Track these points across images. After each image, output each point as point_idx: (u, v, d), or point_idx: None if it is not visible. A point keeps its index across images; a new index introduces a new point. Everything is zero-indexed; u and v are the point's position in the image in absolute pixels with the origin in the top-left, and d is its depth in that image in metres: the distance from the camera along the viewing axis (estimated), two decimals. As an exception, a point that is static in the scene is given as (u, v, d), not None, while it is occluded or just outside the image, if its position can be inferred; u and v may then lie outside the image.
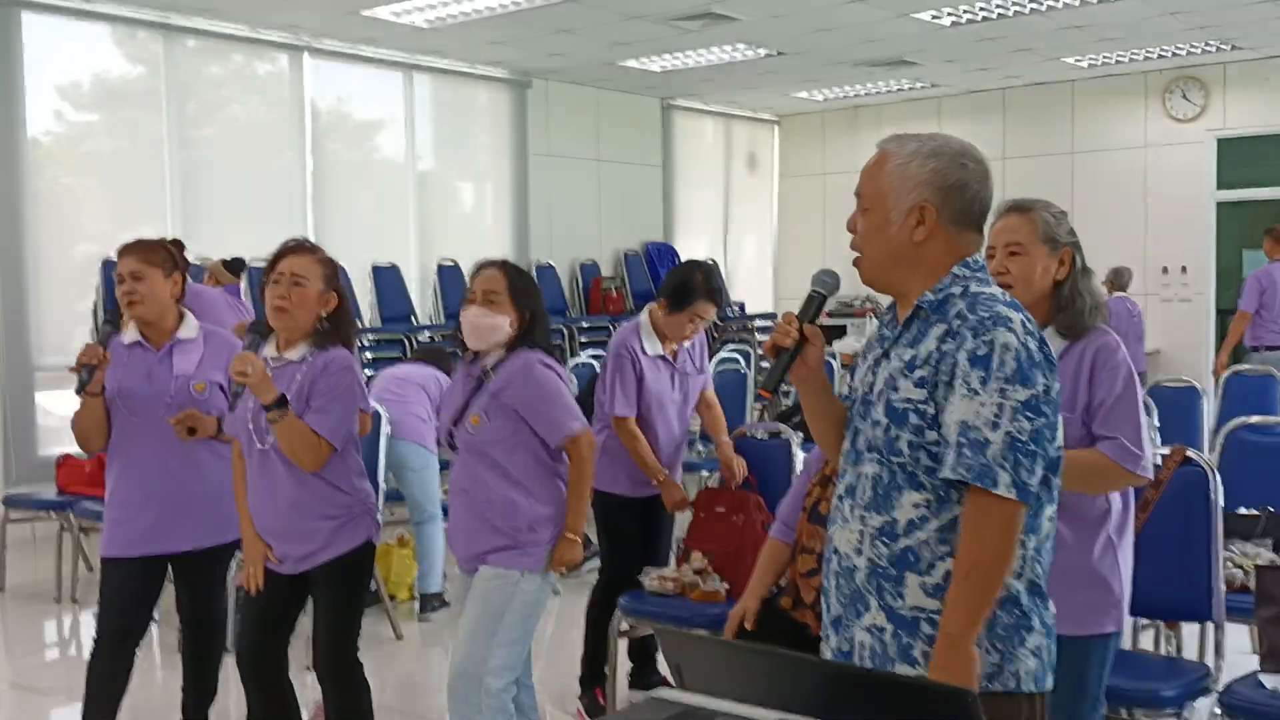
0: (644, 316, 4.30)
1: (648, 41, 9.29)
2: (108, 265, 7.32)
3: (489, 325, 3.31)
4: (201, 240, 7.72)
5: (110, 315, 3.67)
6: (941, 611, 1.97)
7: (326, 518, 3.34)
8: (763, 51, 9.76)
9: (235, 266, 6.37)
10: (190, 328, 3.70)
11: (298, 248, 3.36)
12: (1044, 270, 2.73)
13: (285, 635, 3.57)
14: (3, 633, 5.64)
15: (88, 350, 3.50)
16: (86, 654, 5.50)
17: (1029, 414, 1.94)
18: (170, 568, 3.73)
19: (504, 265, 3.42)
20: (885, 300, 2.23)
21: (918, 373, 2.02)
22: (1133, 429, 2.65)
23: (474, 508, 3.32)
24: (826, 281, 2.25)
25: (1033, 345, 1.98)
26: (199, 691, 3.92)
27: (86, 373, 3.49)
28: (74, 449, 5.77)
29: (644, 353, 4.22)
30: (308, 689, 4.17)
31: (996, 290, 2.07)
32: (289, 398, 3.21)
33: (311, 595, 3.46)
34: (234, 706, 4.27)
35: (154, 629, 4.52)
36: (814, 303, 2.22)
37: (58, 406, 7.29)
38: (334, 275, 3.39)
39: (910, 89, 11.75)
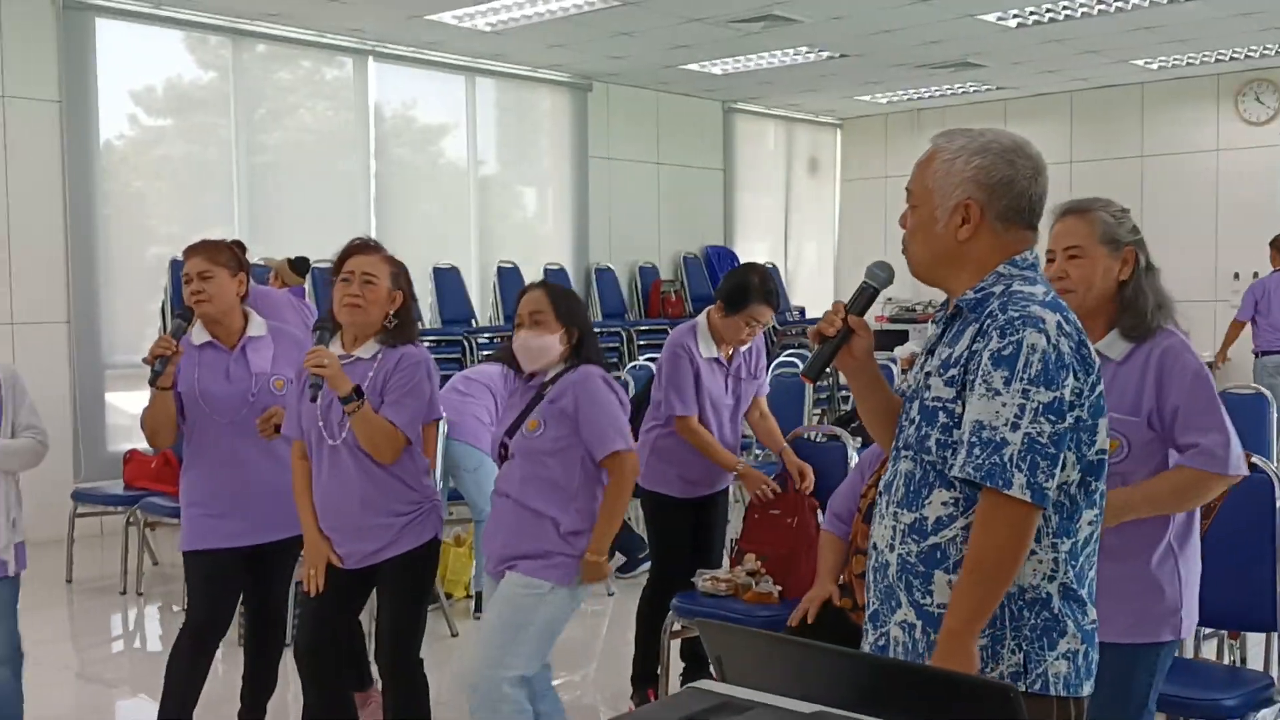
0: (701, 319, 4.30)
1: (708, 44, 9.28)
2: (176, 266, 7.47)
3: (539, 346, 3.33)
4: (268, 243, 7.85)
5: (183, 309, 3.73)
6: (947, 605, 1.96)
7: (396, 514, 3.38)
8: (824, 54, 9.71)
9: (300, 266, 6.45)
10: (258, 326, 3.78)
11: (364, 246, 3.43)
12: (1105, 272, 2.66)
13: (344, 631, 3.62)
14: (70, 624, 5.76)
15: (161, 342, 3.56)
16: (151, 646, 5.68)
17: (1052, 417, 1.91)
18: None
19: (545, 286, 3.46)
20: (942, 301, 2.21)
21: (949, 372, 2.01)
22: (1214, 429, 2.57)
23: (515, 511, 3.31)
24: (878, 274, 2.23)
25: (1065, 346, 1.94)
26: (258, 684, 3.98)
27: (160, 364, 3.55)
28: (141, 445, 5.92)
29: (700, 354, 4.21)
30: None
31: (1037, 289, 2.02)
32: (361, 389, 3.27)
33: (377, 591, 3.50)
34: (291, 700, 4.33)
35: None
36: (864, 294, 2.20)
37: (126, 404, 7.46)
38: (400, 274, 3.45)
39: (975, 91, 11.62)
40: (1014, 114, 11.87)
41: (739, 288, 4.17)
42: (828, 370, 2.20)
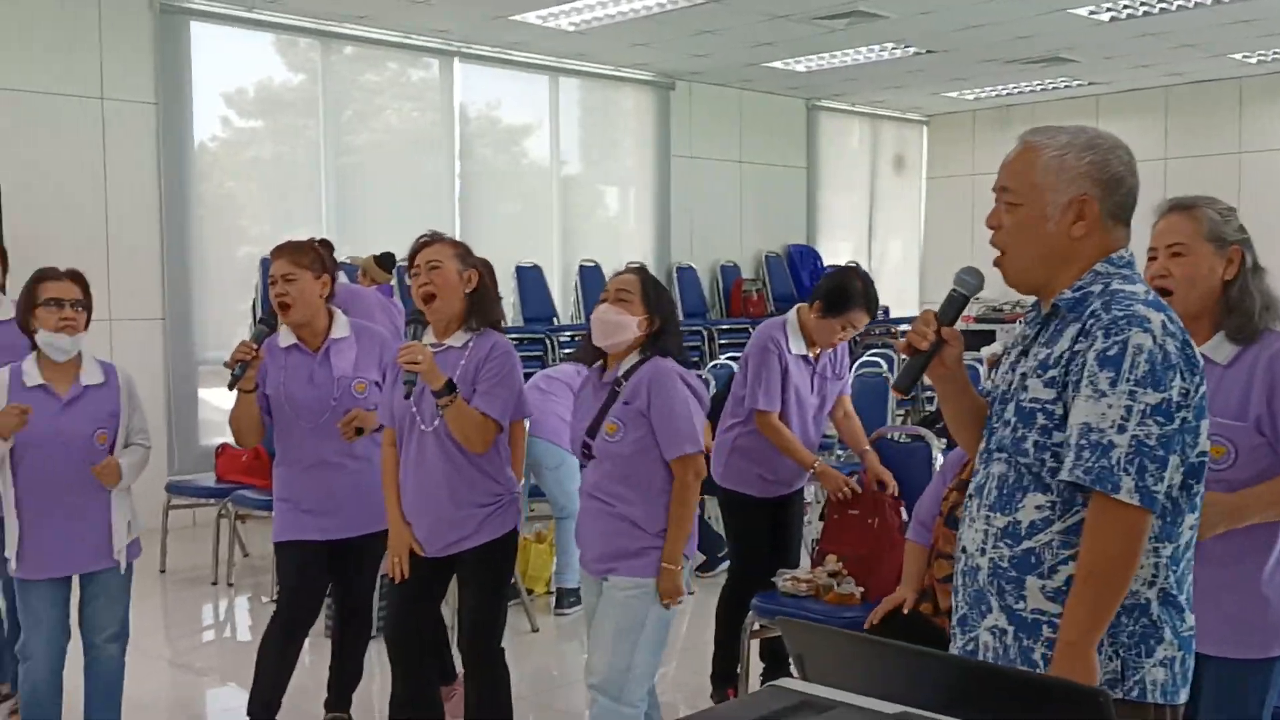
0: (792, 315, 4.25)
1: (792, 42, 9.22)
2: (266, 265, 7.63)
3: (616, 323, 3.27)
4: (354, 243, 7.99)
5: (265, 316, 3.82)
6: (1063, 616, 1.91)
7: (480, 505, 3.43)
8: (911, 50, 9.58)
9: (386, 261, 6.55)
10: (342, 326, 3.84)
11: (427, 241, 3.48)
12: (1209, 270, 2.56)
13: (428, 620, 3.67)
14: (163, 614, 5.90)
15: (241, 348, 3.64)
16: (240, 636, 5.80)
17: (1159, 418, 1.86)
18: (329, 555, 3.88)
19: (640, 270, 3.41)
20: (1032, 301, 2.16)
21: (1049, 373, 1.96)
22: None
23: (604, 513, 3.30)
24: (969, 281, 2.18)
25: (1171, 347, 1.89)
26: (345, 675, 4.06)
27: (240, 369, 3.63)
28: (232, 439, 6.05)
29: (789, 350, 4.18)
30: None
31: (1138, 288, 1.98)
32: (455, 383, 3.31)
33: (458, 581, 3.54)
34: (376, 692, 4.39)
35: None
36: (955, 303, 2.15)
37: (217, 399, 7.64)
38: (466, 254, 3.48)
39: (1066, 87, 11.38)
40: (1106, 110, 11.60)
41: (841, 291, 4.11)
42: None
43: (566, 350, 8.80)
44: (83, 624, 3.69)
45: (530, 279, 9.60)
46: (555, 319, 9.69)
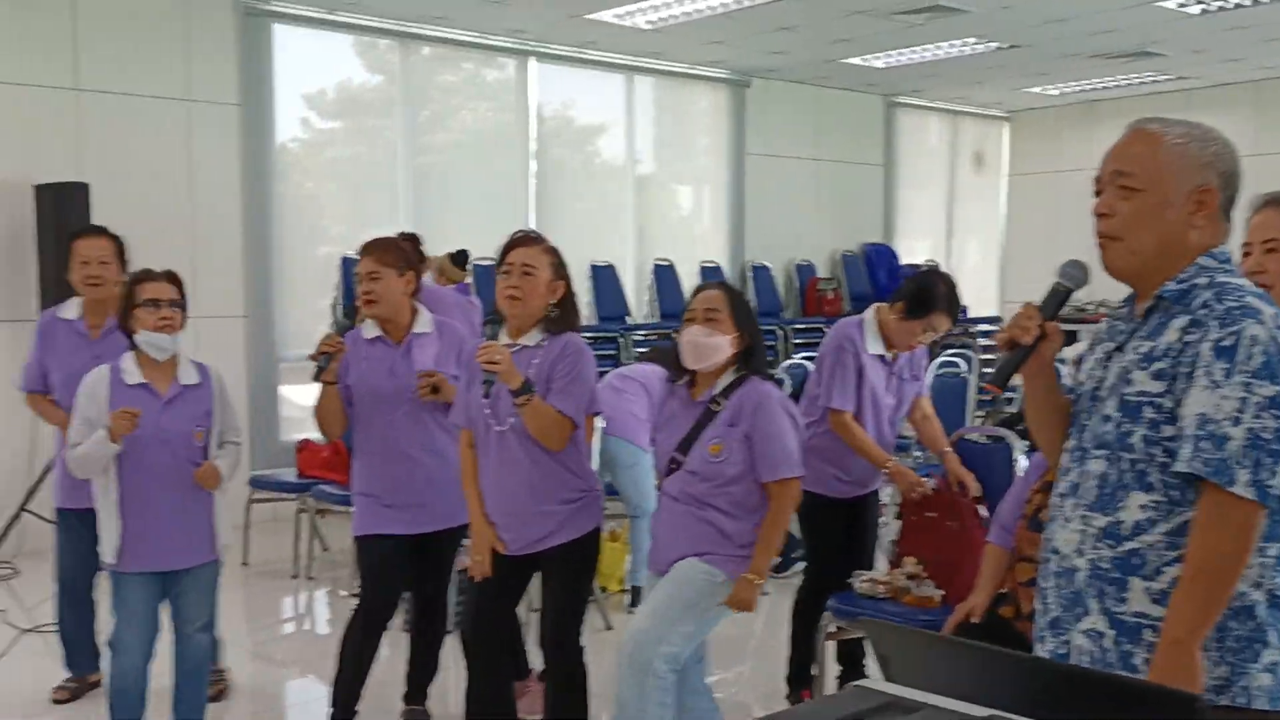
0: (869, 314, 4.19)
1: (870, 37, 9.12)
2: (347, 264, 7.73)
3: (710, 345, 3.26)
4: (431, 242, 8.03)
5: (347, 311, 3.89)
6: (1168, 614, 1.85)
7: (563, 501, 3.43)
8: (993, 45, 9.42)
9: (460, 259, 6.59)
10: (425, 322, 3.89)
11: (525, 239, 3.47)
12: None
13: (508, 617, 3.69)
14: (245, 606, 6.00)
15: (325, 341, 3.71)
16: (319, 630, 5.88)
17: (1275, 412, 1.80)
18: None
19: (724, 286, 3.40)
20: (1117, 302, 2.10)
21: (1156, 365, 1.91)
22: None
23: (692, 517, 3.28)
24: (1074, 274, 2.12)
25: None
26: (421, 670, 4.10)
27: (324, 360, 3.71)
28: (313, 435, 6.14)
29: (865, 350, 4.12)
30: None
31: (1244, 280, 1.94)
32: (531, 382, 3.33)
33: (541, 578, 3.55)
34: (451, 686, 4.42)
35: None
36: (1058, 296, 2.10)
37: (297, 396, 7.76)
38: (561, 265, 3.49)
39: (1153, 81, 11.10)
40: (1196, 104, 11.30)
41: (925, 293, 4.04)
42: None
43: (640, 349, 8.80)
44: (175, 614, 3.77)
45: (604, 278, 9.61)
46: (629, 318, 9.70)
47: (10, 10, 6.82)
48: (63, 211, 6.67)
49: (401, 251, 3.86)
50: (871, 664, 4.38)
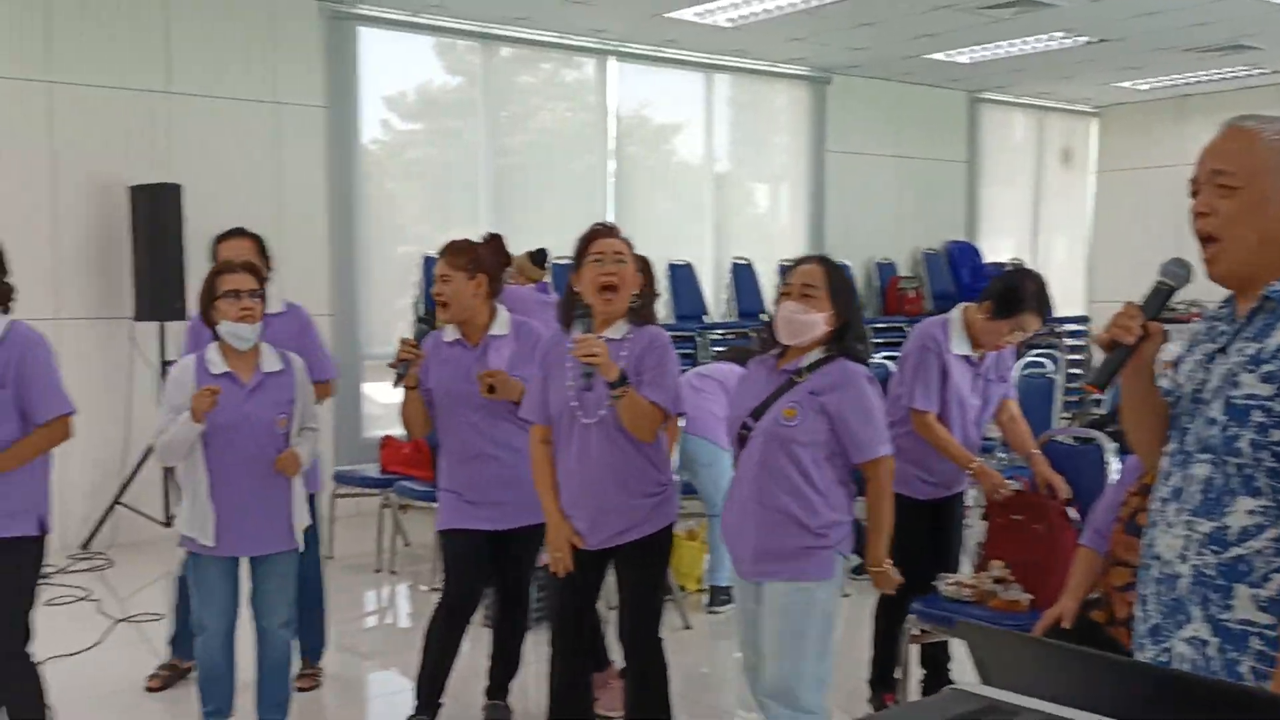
0: (956, 314, 4.12)
1: (955, 32, 8.98)
2: (428, 263, 7.82)
3: (804, 321, 3.18)
4: (511, 243, 8.09)
5: (424, 314, 3.94)
6: (1276, 627, 1.78)
7: (645, 495, 3.44)
8: (1082, 39, 9.22)
9: (539, 258, 6.62)
10: (502, 323, 3.91)
11: (607, 229, 3.48)
12: None
13: (588, 611, 3.70)
14: (329, 598, 6.08)
15: (404, 348, 3.78)
16: (401, 623, 5.95)
17: None
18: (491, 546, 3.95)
19: (824, 260, 3.30)
20: (1210, 303, 2.04)
21: (1265, 368, 1.85)
22: None
23: (760, 512, 3.20)
24: (1178, 272, 2.06)
25: None
26: (505, 664, 4.14)
27: (403, 367, 3.78)
28: (395, 431, 6.22)
29: (950, 350, 4.05)
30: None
31: None
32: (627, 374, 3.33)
33: (618, 573, 3.55)
34: (532, 681, 4.44)
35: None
36: (1160, 295, 2.04)
37: (381, 393, 7.87)
38: (639, 257, 3.51)
39: (1248, 75, 10.78)
40: (1293, 98, 10.97)
41: (1013, 293, 3.96)
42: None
43: (717, 348, 8.77)
44: (256, 608, 3.85)
45: (682, 277, 9.60)
46: (706, 316, 9.67)
47: (105, 18, 7.01)
48: (155, 212, 6.84)
49: (473, 255, 3.89)
50: (956, 668, 4.32)
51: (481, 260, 3.89)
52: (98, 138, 7.01)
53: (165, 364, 6.80)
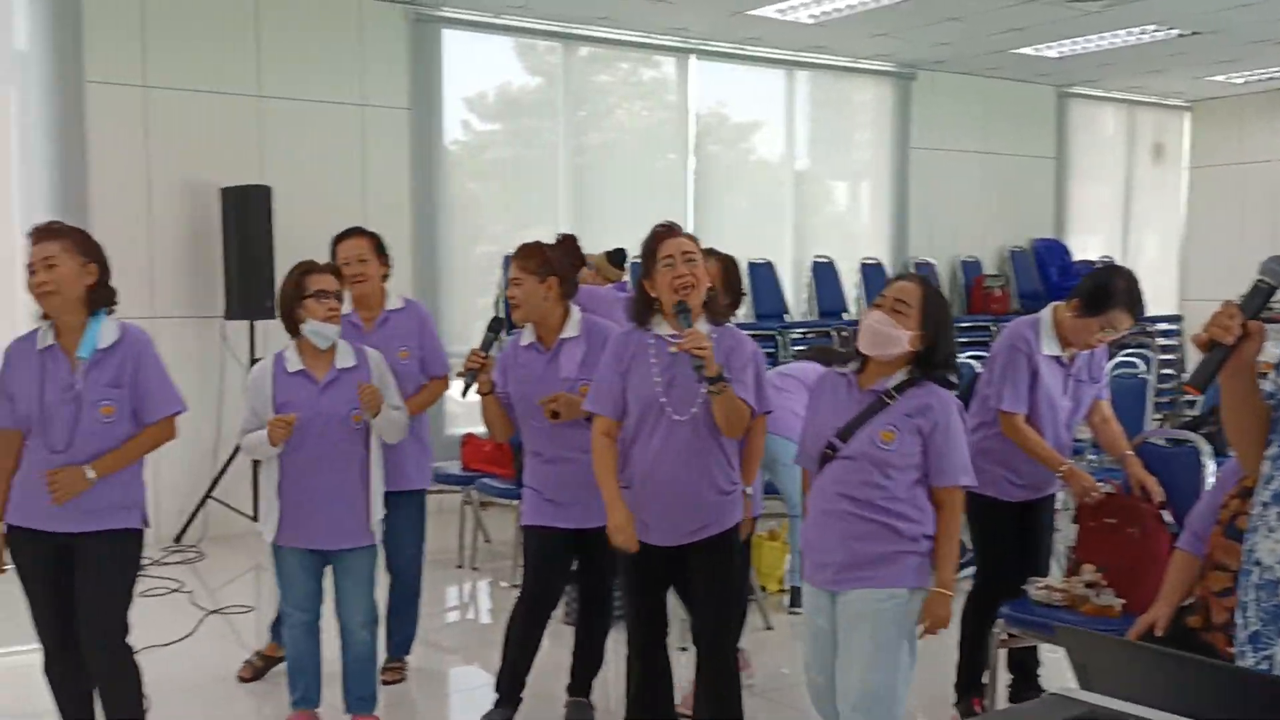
0: (1046, 314, 4.04)
1: (1044, 26, 8.80)
2: (507, 262, 7.86)
3: (888, 335, 3.12)
4: (589, 242, 8.12)
5: (494, 321, 4.03)
6: None
7: (721, 492, 3.45)
8: (1174, 31, 8.98)
9: (617, 258, 6.63)
10: (573, 325, 3.92)
11: (672, 230, 3.47)
12: None
13: (664, 608, 3.69)
14: (412, 593, 6.17)
15: (471, 357, 3.81)
16: (483, 619, 6.00)
17: None
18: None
19: (923, 281, 3.25)
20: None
21: None
22: None
23: (849, 519, 3.13)
24: (1278, 270, 2.00)
25: None
26: (587, 662, 4.15)
27: (470, 377, 3.81)
28: (477, 429, 6.28)
29: (1040, 351, 3.97)
30: (681, 667, 4.27)
31: None
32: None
33: (691, 569, 3.52)
34: (611, 679, 4.45)
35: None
36: (1261, 294, 1.98)
37: (460, 392, 7.92)
38: (706, 250, 3.52)
39: (1350, 67, 10.44)
40: (1397, 89, 10.58)
41: (1101, 290, 3.87)
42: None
43: (797, 348, 8.71)
44: (338, 606, 3.94)
45: (762, 275, 9.54)
46: (787, 315, 9.61)
47: (200, 25, 7.18)
48: (246, 213, 6.99)
49: (544, 258, 3.89)
50: (1045, 673, 4.23)
51: (552, 263, 3.90)
52: (191, 141, 7.18)
53: (254, 361, 6.94)
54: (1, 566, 3.39)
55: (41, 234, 3.34)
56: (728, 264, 4.14)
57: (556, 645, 4.51)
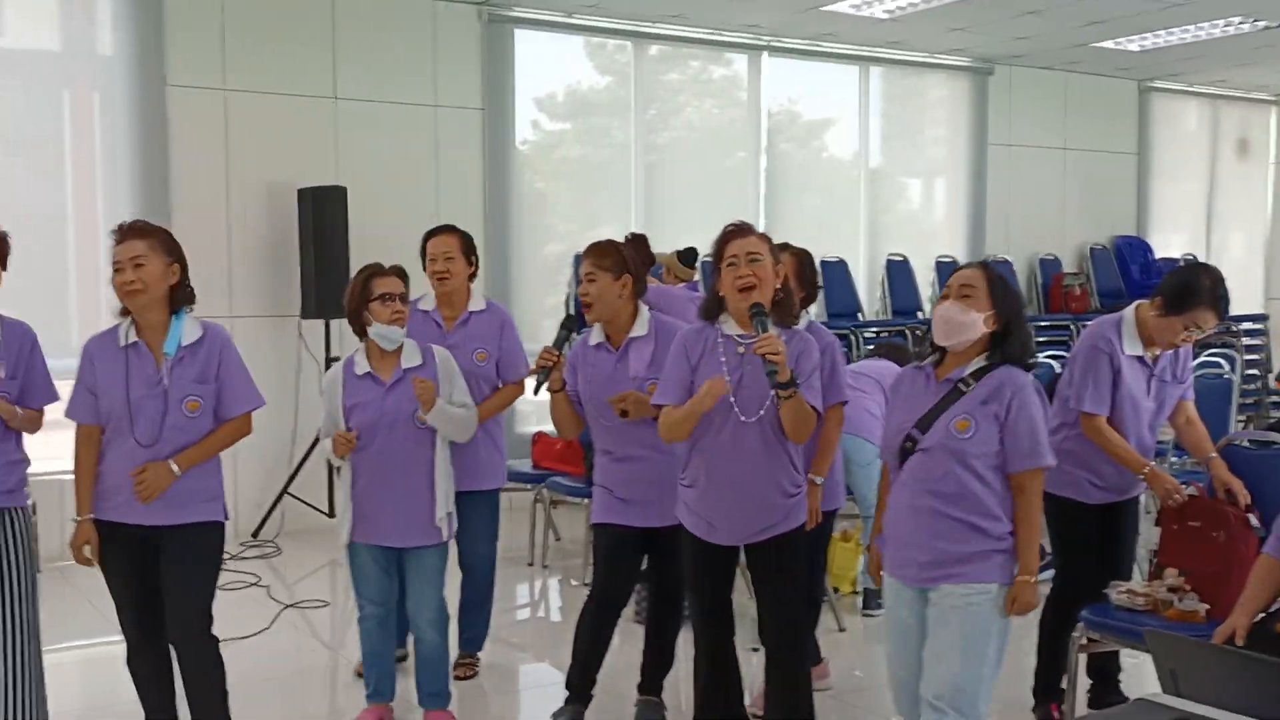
0: (1128, 313, 3.95)
1: (1125, 19, 8.62)
2: (577, 261, 7.89)
3: (961, 321, 3.09)
4: (660, 241, 8.12)
5: (566, 319, 4.03)
6: None
7: (786, 495, 3.45)
8: (1260, 23, 8.73)
9: (688, 257, 6.61)
10: (642, 324, 3.90)
11: (740, 229, 3.44)
12: None
13: (730, 607, 3.68)
14: (485, 590, 6.21)
15: (544, 354, 3.82)
16: (553, 617, 6.02)
17: None
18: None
19: (983, 264, 3.24)
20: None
21: None
22: None
23: (934, 517, 3.09)
24: None
25: None
26: (658, 661, 4.14)
27: (543, 374, 3.82)
28: (547, 427, 6.30)
29: (1122, 351, 3.88)
30: (752, 667, 4.24)
31: None
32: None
33: (754, 571, 3.55)
34: (683, 678, 4.43)
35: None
36: None
37: (530, 391, 7.95)
38: (773, 248, 3.47)
39: None
40: None
41: (1185, 288, 3.78)
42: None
43: (870, 346, 8.61)
44: (407, 602, 4.01)
45: (835, 274, 9.45)
46: (860, 314, 9.51)
47: (278, 29, 7.30)
48: (322, 213, 7.09)
49: (619, 256, 3.88)
50: (1126, 679, 4.14)
51: (627, 261, 3.89)
52: (269, 143, 7.30)
53: (329, 360, 7.04)
54: (90, 559, 3.45)
55: (128, 233, 3.40)
56: (802, 258, 4.10)
57: (627, 643, 4.51)
